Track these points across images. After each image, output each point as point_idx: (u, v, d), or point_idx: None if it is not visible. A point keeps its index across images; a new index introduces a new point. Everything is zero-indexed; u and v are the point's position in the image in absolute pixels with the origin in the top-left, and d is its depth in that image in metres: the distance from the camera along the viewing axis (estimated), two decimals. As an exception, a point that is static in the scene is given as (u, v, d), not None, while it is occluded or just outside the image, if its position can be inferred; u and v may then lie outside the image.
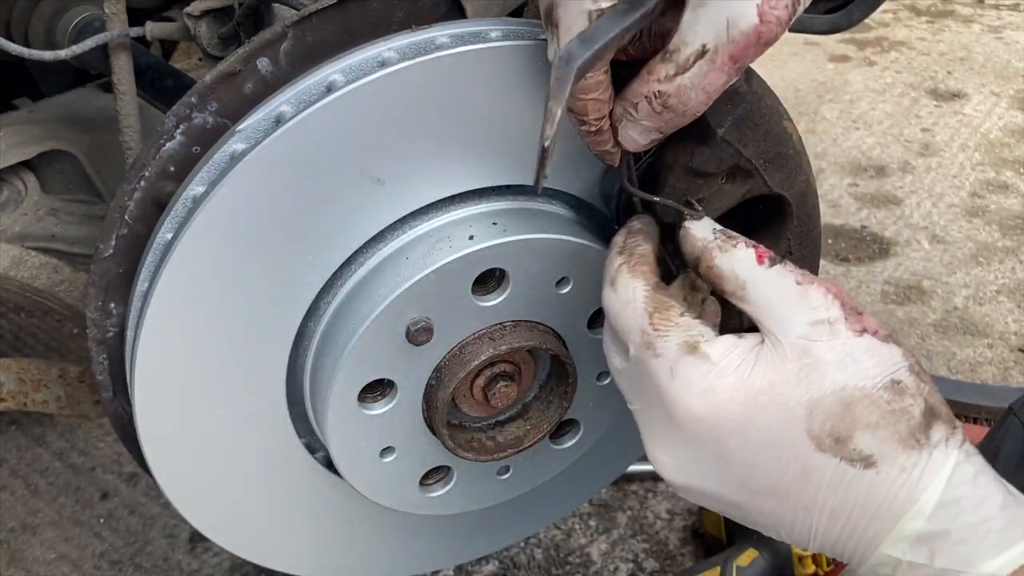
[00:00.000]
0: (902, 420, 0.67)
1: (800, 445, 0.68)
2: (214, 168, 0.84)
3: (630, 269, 0.77)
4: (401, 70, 0.82)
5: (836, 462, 0.68)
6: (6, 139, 1.32)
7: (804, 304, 0.70)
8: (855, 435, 0.67)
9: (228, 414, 0.93)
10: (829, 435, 0.68)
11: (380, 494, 1.00)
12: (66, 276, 1.27)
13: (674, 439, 0.73)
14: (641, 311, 0.74)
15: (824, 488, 0.69)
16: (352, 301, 0.89)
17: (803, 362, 0.69)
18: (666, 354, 0.71)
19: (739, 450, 0.70)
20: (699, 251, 0.76)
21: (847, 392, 0.68)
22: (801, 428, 0.68)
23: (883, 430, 0.67)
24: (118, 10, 1.09)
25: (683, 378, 0.70)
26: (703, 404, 0.70)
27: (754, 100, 0.85)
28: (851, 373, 0.68)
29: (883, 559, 0.69)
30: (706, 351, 0.71)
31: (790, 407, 0.68)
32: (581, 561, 1.72)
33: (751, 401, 0.69)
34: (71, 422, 2.03)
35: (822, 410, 0.68)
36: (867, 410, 0.68)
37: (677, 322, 0.72)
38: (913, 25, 4.20)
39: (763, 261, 0.73)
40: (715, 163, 0.86)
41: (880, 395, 0.68)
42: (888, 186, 2.96)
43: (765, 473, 0.70)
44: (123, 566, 1.73)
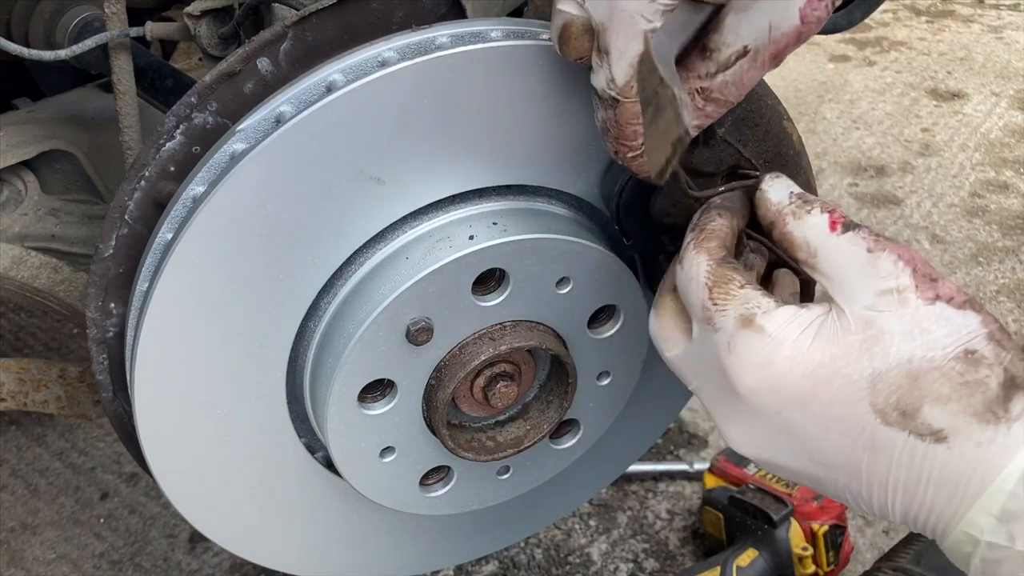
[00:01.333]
0: (976, 393, 0.64)
1: (865, 419, 0.66)
2: (214, 168, 0.84)
3: (696, 245, 0.75)
4: (401, 70, 0.82)
5: (904, 436, 0.65)
6: (6, 139, 1.32)
7: (873, 273, 0.68)
8: (923, 409, 0.65)
9: (228, 414, 0.93)
10: (895, 409, 0.65)
11: (380, 494, 1.00)
12: (66, 276, 1.27)
13: (740, 414, 0.71)
14: (702, 286, 0.72)
15: (895, 464, 0.66)
16: (352, 301, 0.89)
17: (866, 334, 0.67)
18: (724, 328, 0.70)
19: (803, 424, 0.68)
20: (773, 215, 0.75)
21: (914, 364, 0.65)
22: (865, 402, 0.66)
23: (955, 403, 0.64)
24: (118, 10, 1.09)
25: (739, 352, 0.69)
26: (760, 378, 0.68)
27: (754, 100, 0.85)
28: (919, 344, 0.66)
29: (963, 537, 0.66)
30: (762, 323, 0.69)
31: (852, 380, 0.66)
32: (581, 561, 1.72)
33: (811, 375, 0.67)
34: (71, 422, 2.03)
35: (886, 383, 0.66)
36: (936, 383, 0.65)
37: (735, 295, 0.71)
38: (913, 25, 4.20)
39: (836, 227, 0.71)
40: (715, 163, 0.86)
41: (951, 366, 0.65)
42: (888, 186, 2.96)
43: (834, 448, 0.68)
44: (123, 566, 1.73)
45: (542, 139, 0.89)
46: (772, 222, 0.75)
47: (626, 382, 1.04)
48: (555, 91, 0.86)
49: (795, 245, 0.73)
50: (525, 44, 0.85)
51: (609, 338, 0.99)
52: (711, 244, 0.75)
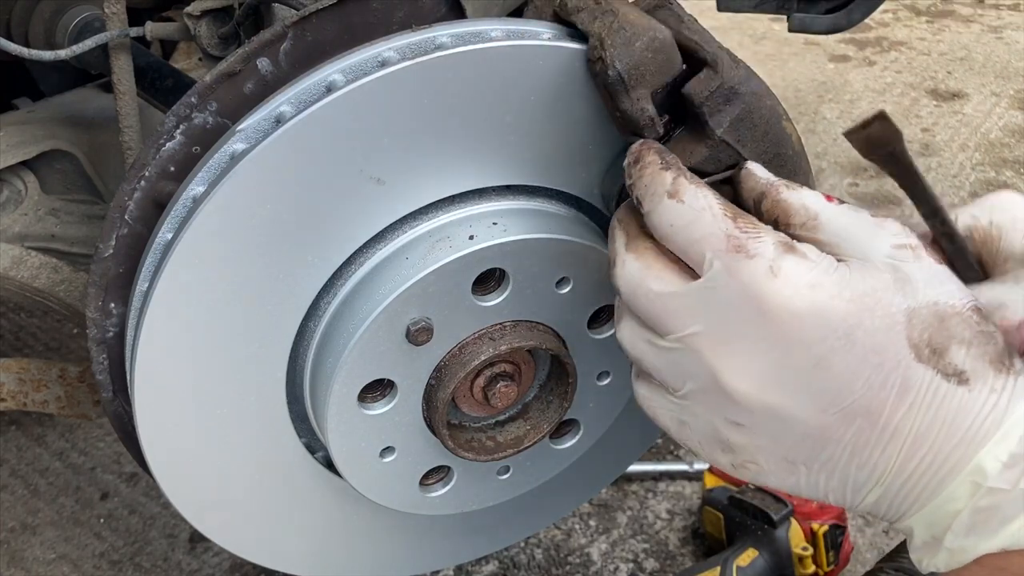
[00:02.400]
0: (991, 342, 0.67)
1: (902, 353, 0.66)
2: (214, 168, 0.84)
3: (689, 180, 0.73)
4: (401, 70, 0.82)
5: (932, 375, 0.66)
6: (6, 139, 1.32)
7: (884, 231, 0.70)
8: (951, 348, 0.66)
9: (228, 414, 0.93)
10: (928, 345, 0.66)
11: (380, 494, 1.00)
12: (66, 276, 1.27)
13: (767, 347, 0.68)
14: (721, 216, 0.70)
15: (917, 405, 0.66)
16: (352, 301, 0.89)
17: (897, 275, 0.68)
18: (763, 253, 0.68)
19: (843, 354, 0.67)
20: (763, 187, 0.76)
21: (940, 307, 0.67)
22: (903, 335, 0.66)
23: (976, 348, 0.66)
24: (118, 10, 1.09)
25: (787, 274, 0.67)
26: (809, 300, 0.67)
27: (753, 100, 0.85)
28: (941, 291, 0.68)
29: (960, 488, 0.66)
30: (805, 251, 0.69)
31: (892, 313, 0.67)
32: (581, 561, 1.72)
33: (858, 300, 0.67)
34: (71, 422, 2.03)
35: (920, 319, 0.67)
36: (960, 326, 0.67)
37: (759, 227, 0.70)
38: (913, 25, 4.20)
39: (832, 200, 0.72)
40: (713, 163, 0.86)
41: (970, 315, 0.67)
42: (888, 186, 2.96)
43: (865, 382, 0.67)
44: (123, 566, 1.73)
45: (542, 139, 0.89)
46: (763, 192, 0.75)
47: (626, 382, 1.04)
48: (555, 91, 0.86)
49: (791, 211, 0.73)
50: (525, 44, 0.85)
51: (609, 338, 0.99)
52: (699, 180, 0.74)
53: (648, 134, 0.85)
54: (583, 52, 0.85)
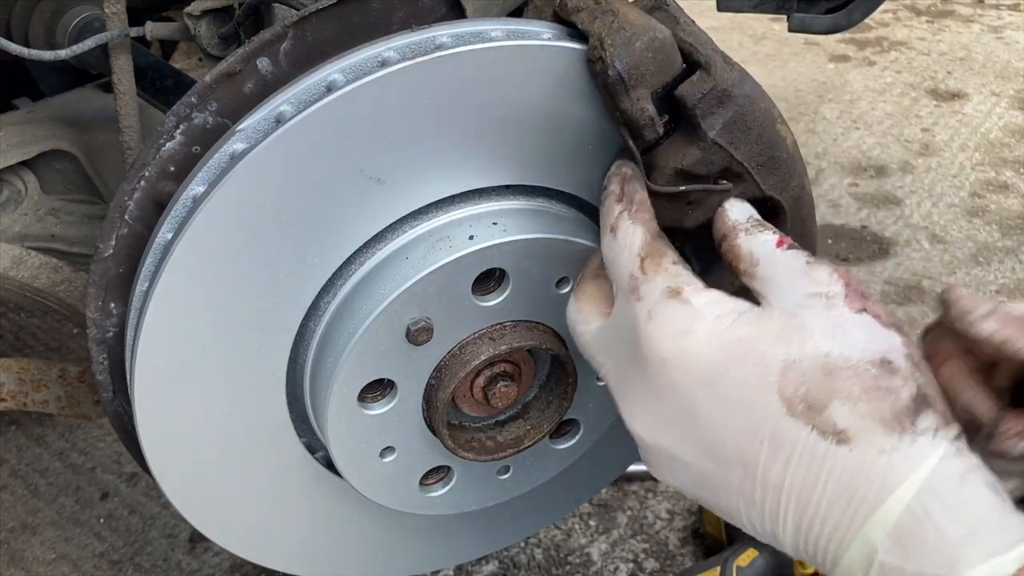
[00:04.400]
0: (887, 399, 0.63)
1: (772, 406, 0.64)
2: (214, 168, 0.84)
3: (631, 216, 0.75)
4: (401, 70, 0.82)
5: (807, 431, 0.63)
6: (6, 139, 1.32)
7: (807, 278, 0.69)
8: (831, 405, 0.63)
9: (228, 414, 0.93)
10: (802, 400, 0.63)
11: (380, 494, 1.00)
12: (66, 276, 1.27)
13: (647, 392, 0.69)
14: (635, 256, 0.72)
15: (795, 461, 0.63)
16: (352, 301, 0.89)
17: (789, 323, 0.66)
18: (648, 297, 0.70)
19: (709, 404, 0.66)
20: (727, 229, 0.76)
21: (830, 359, 0.64)
22: (774, 387, 0.64)
23: (864, 405, 0.62)
24: (118, 10, 1.09)
25: (659, 319, 0.68)
26: (675, 347, 0.67)
27: (746, 103, 0.85)
28: (838, 343, 0.65)
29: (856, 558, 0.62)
30: (689, 297, 0.69)
31: (766, 363, 0.65)
32: (581, 561, 1.72)
33: (726, 349, 0.66)
34: (71, 422, 2.03)
35: (799, 372, 0.64)
36: (848, 381, 0.63)
37: (667, 268, 0.71)
38: (913, 25, 4.20)
39: (782, 245, 0.72)
40: (706, 165, 0.85)
41: (866, 369, 0.64)
42: (888, 186, 2.96)
43: (734, 435, 0.65)
44: (123, 566, 1.73)
45: (542, 139, 0.89)
46: (725, 235, 0.76)
47: (626, 382, 1.04)
48: (555, 91, 0.86)
49: (739, 256, 0.74)
50: (525, 44, 0.85)
51: (609, 338, 0.99)
52: (646, 216, 0.75)
53: (648, 134, 0.85)
54: (583, 52, 0.85)
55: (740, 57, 2.30)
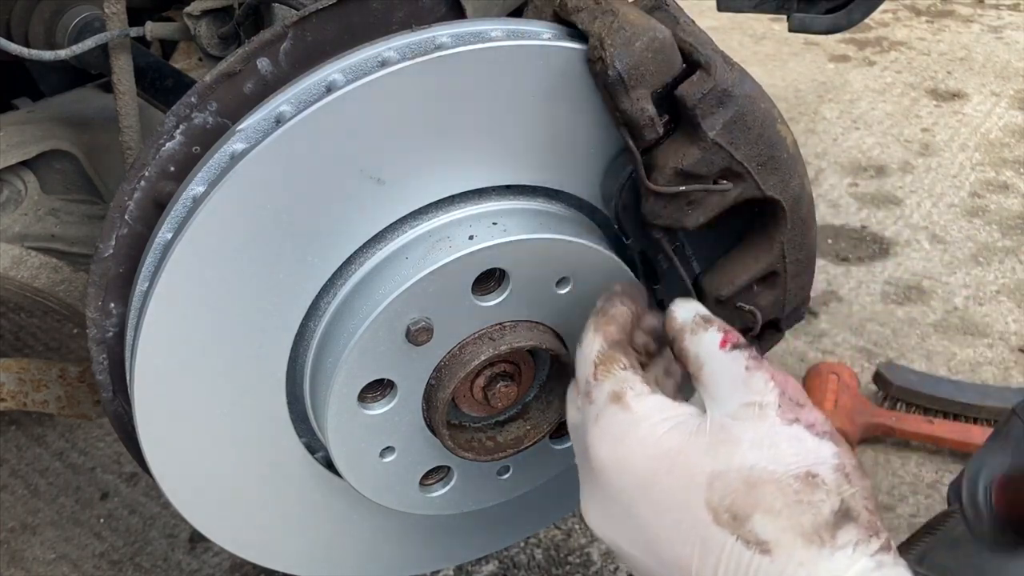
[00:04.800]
0: (807, 513, 0.65)
1: (699, 515, 0.67)
2: (214, 168, 0.84)
3: (596, 327, 0.80)
4: (401, 70, 0.82)
5: (732, 540, 0.66)
6: (6, 139, 1.32)
7: (744, 387, 0.71)
8: (754, 517, 0.66)
9: (228, 414, 0.93)
10: (727, 511, 0.66)
11: (380, 494, 1.00)
12: (66, 276, 1.27)
13: (596, 490, 0.73)
14: (590, 363, 0.77)
15: (722, 568, 0.66)
16: (352, 301, 0.89)
17: (718, 436, 0.69)
18: (596, 401, 0.74)
19: (643, 508, 0.70)
20: (676, 332, 0.79)
21: (755, 472, 0.67)
22: (701, 497, 0.67)
23: (784, 519, 0.65)
24: (118, 10, 1.09)
25: (601, 424, 0.72)
26: (611, 453, 0.71)
27: (746, 103, 0.85)
28: (765, 455, 0.67)
29: None
30: (630, 402, 0.72)
31: (693, 474, 0.68)
32: (581, 561, 1.72)
33: (656, 459, 0.69)
34: (71, 422, 2.03)
35: (724, 484, 0.67)
36: (771, 495, 0.66)
37: (615, 374, 0.75)
38: (913, 25, 4.20)
39: (725, 345, 0.74)
40: (706, 166, 0.85)
41: (789, 483, 0.66)
42: (888, 186, 2.96)
43: (667, 540, 0.69)
44: (123, 566, 1.73)
45: (542, 139, 0.89)
46: (674, 338, 0.79)
47: (626, 382, 1.04)
48: (555, 91, 0.86)
49: (688, 359, 0.77)
50: (525, 44, 0.85)
51: (609, 338, 0.99)
52: (610, 328, 0.80)
53: (648, 134, 0.85)
54: (583, 52, 0.85)
55: (740, 57, 2.30)
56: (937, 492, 1.86)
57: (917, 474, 1.91)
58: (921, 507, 1.81)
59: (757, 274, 0.95)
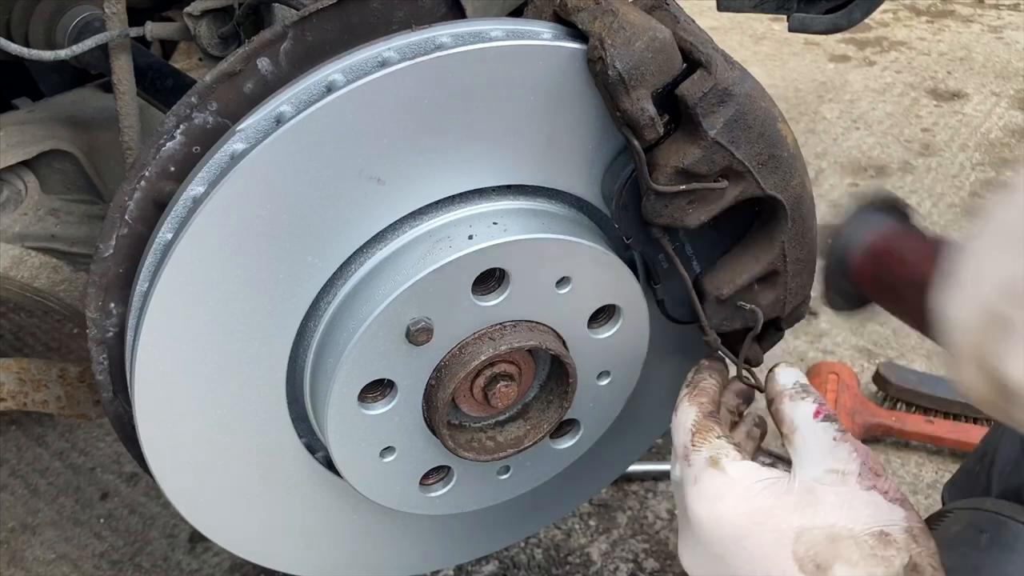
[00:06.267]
0: (881, 565, 0.74)
1: (786, 564, 0.76)
2: (214, 168, 0.84)
3: (690, 399, 0.90)
4: (401, 70, 0.82)
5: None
6: (6, 139, 1.32)
7: (831, 455, 0.81)
8: (835, 567, 0.74)
9: (228, 414, 0.93)
10: (812, 560, 0.75)
11: (380, 494, 1.00)
12: (66, 276, 1.27)
13: (693, 539, 0.83)
14: (687, 431, 0.86)
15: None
16: (352, 301, 0.89)
17: (805, 497, 0.78)
18: (695, 464, 0.83)
19: (735, 557, 0.79)
20: (775, 394, 0.88)
21: (836, 529, 0.76)
22: (788, 549, 0.76)
23: (861, 569, 0.74)
24: (118, 10, 1.09)
25: (700, 484, 0.82)
26: (709, 509, 0.80)
27: (747, 102, 0.85)
28: (845, 515, 0.77)
29: None
30: (725, 466, 0.82)
31: (782, 529, 0.77)
32: (581, 561, 1.72)
33: (750, 515, 0.79)
34: (71, 422, 2.03)
35: (809, 538, 0.76)
36: (850, 548, 0.75)
37: (712, 442, 0.84)
38: (913, 25, 4.20)
39: (818, 416, 0.84)
40: (707, 164, 0.85)
41: (865, 539, 0.75)
42: (888, 186, 2.96)
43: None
44: (123, 566, 1.73)
45: (542, 139, 0.89)
46: (773, 399, 0.88)
47: (626, 382, 1.04)
48: (555, 91, 0.86)
49: (783, 421, 0.86)
50: (525, 44, 0.85)
51: (609, 338, 0.99)
52: (702, 400, 0.89)
53: (648, 134, 0.85)
54: (583, 52, 0.85)
55: (740, 57, 2.30)
56: (937, 492, 1.86)
57: (917, 474, 1.91)
58: (921, 507, 1.81)
59: (758, 273, 0.95)
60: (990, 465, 1.22)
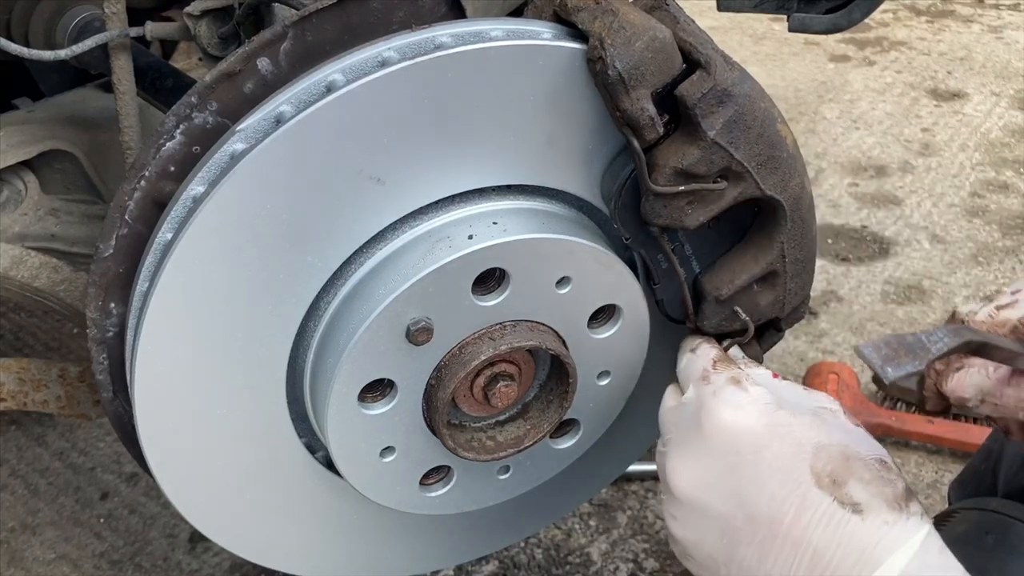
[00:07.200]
0: (888, 485, 0.79)
1: (803, 476, 0.79)
2: (214, 168, 0.84)
3: (709, 343, 0.94)
4: (402, 70, 0.82)
5: (829, 500, 0.78)
6: (6, 139, 1.32)
7: (813, 397, 0.88)
8: (850, 482, 0.79)
9: (228, 414, 0.93)
10: (829, 476, 0.79)
11: (380, 494, 1.00)
12: (66, 276, 1.27)
13: (699, 451, 0.84)
14: (709, 359, 0.90)
15: (815, 523, 0.78)
16: (352, 301, 0.89)
17: (818, 417, 0.84)
18: (715, 382, 0.86)
19: (752, 466, 0.81)
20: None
21: (849, 449, 0.81)
22: (807, 462, 0.80)
23: (874, 486, 0.79)
24: (118, 10, 1.09)
25: (722, 396, 0.85)
26: (732, 417, 0.83)
27: (746, 103, 0.85)
28: (852, 440, 0.82)
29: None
30: (747, 386, 0.85)
31: (801, 443, 0.81)
32: (581, 561, 1.72)
33: (772, 426, 0.82)
34: (71, 422, 2.03)
35: (827, 454, 0.80)
36: (862, 468, 0.80)
37: (733, 368, 0.88)
38: (913, 25, 4.20)
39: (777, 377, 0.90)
40: (706, 165, 0.85)
41: (873, 463, 0.81)
42: (888, 186, 2.96)
43: (769, 495, 0.80)
44: (123, 566, 1.73)
45: (542, 139, 0.89)
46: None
47: (626, 382, 1.04)
48: (555, 91, 0.86)
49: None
50: (525, 44, 0.85)
51: (609, 338, 0.99)
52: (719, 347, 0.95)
53: (648, 134, 0.85)
54: (583, 52, 0.85)
55: (740, 57, 2.30)
56: (937, 492, 1.86)
57: (917, 474, 1.91)
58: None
59: (757, 274, 0.95)
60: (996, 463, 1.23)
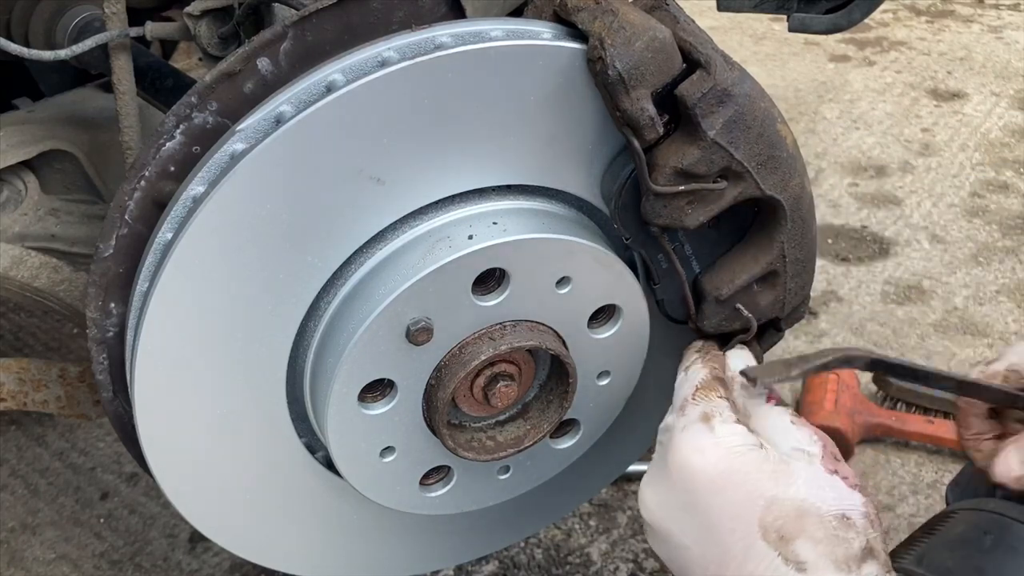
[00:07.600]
0: (841, 545, 0.78)
1: (751, 528, 0.79)
2: (214, 168, 0.84)
3: (703, 362, 0.93)
4: (401, 70, 0.82)
5: (773, 555, 0.78)
6: (6, 139, 1.32)
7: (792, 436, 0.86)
8: (798, 540, 0.78)
9: (228, 414, 0.93)
10: (777, 531, 0.79)
11: (380, 494, 1.00)
12: (66, 276, 1.27)
13: (664, 482, 0.85)
14: (693, 386, 0.89)
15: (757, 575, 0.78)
16: (352, 301, 0.89)
17: (781, 468, 0.81)
18: (688, 416, 0.86)
19: (706, 508, 0.81)
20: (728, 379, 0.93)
21: (805, 504, 0.80)
22: (757, 514, 0.79)
23: (823, 546, 0.77)
24: (118, 10, 1.09)
25: (688, 434, 0.84)
26: (692, 459, 0.83)
27: (746, 102, 0.85)
28: (814, 493, 0.80)
29: None
30: (715, 425, 0.84)
31: (755, 494, 0.80)
32: (581, 561, 1.72)
33: (728, 473, 0.81)
34: (71, 422, 2.03)
35: (778, 507, 0.79)
36: (815, 525, 0.78)
37: (711, 400, 0.87)
38: (913, 25, 4.20)
39: (771, 401, 0.90)
40: (706, 165, 0.85)
41: (830, 520, 0.79)
42: (888, 186, 2.96)
43: (718, 538, 0.80)
44: (123, 566, 1.73)
45: (542, 139, 0.89)
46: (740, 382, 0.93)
47: (626, 382, 1.04)
48: (555, 91, 0.86)
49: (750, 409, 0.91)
50: (525, 44, 0.85)
51: (609, 338, 0.99)
52: (715, 364, 0.93)
53: (648, 134, 0.85)
54: (583, 52, 0.85)
55: (740, 57, 2.30)
56: (937, 492, 1.86)
57: (917, 474, 1.91)
58: (921, 507, 1.81)
59: (757, 274, 0.95)
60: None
